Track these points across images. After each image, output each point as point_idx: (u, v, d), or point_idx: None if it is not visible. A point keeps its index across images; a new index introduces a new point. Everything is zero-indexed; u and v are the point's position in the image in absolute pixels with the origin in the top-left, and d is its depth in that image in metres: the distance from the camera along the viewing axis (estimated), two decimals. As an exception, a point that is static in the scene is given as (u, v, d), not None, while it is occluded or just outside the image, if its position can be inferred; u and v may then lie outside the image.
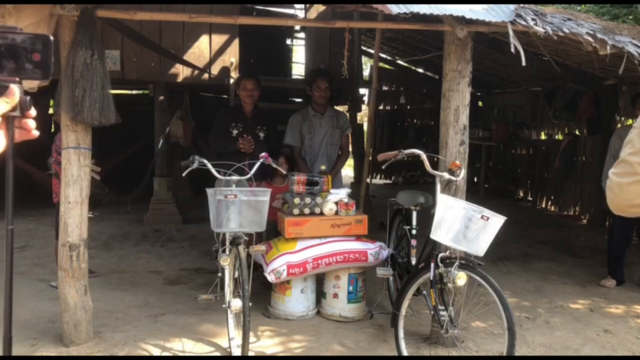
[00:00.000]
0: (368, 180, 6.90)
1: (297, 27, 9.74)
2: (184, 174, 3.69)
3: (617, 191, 1.48)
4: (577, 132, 8.48)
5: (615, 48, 3.39)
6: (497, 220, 3.12)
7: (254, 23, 4.83)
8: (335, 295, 4.14)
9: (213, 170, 3.57)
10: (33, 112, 1.16)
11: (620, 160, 1.48)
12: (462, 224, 3.15)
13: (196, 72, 6.77)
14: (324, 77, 4.99)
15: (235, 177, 3.53)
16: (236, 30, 6.83)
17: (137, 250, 6.07)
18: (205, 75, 6.85)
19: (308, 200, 4.06)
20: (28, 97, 1.11)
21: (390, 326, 3.58)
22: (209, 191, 3.44)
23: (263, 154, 3.86)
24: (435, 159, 3.69)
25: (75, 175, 3.47)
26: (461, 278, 3.14)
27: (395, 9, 3.23)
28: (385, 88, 11.22)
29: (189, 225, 7.06)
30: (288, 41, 10.68)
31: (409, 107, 11.46)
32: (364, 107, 9.30)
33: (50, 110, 8.82)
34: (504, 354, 3.10)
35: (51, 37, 1.16)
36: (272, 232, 4.39)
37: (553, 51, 4.28)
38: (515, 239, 6.61)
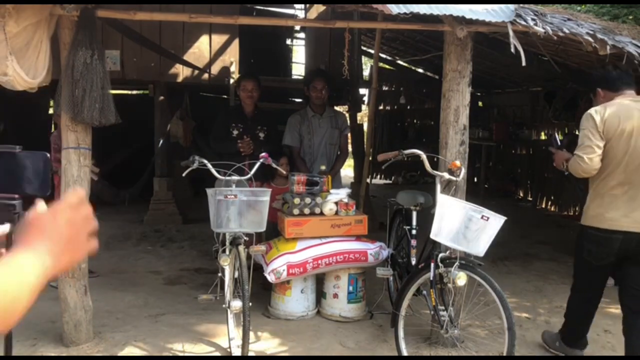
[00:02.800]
0: (368, 180, 6.90)
1: (297, 27, 9.73)
2: (184, 174, 3.69)
3: (587, 162, 3.04)
4: (577, 132, 8.46)
5: (615, 48, 3.39)
6: (497, 220, 3.12)
7: (254, 23, 4.82)
8: (335, 295, 4.14)
9: (213, 171, 3.57)
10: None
11: (584, 145, 3.07)
12: (462, 224, 3.15)
13: (196, 72, 6.76)
14: (321, 78, 5.00)
15: (235, 177, 3.53)
16: (236, 30, 6.83)
17: (137, 250, 6.07)
18: (205, 75, 6.84)
19: (308, 200, 4.06)
20: (26, 213, 1.13)
21: (390, 326, 3.58)
22: (209, 191, 3.44)
23: (263, 154, 3.86)
24: (435, 159, 3.69)
25: (75, 175, 3.47)
26: (461, 278, 3.14)
27: (395, 9, 3.24)
28: (385, 88, 11.20)
29: (189, 225, 7.06)
30: (288, 41, 10.67)
31: (409, 107, 11.45)
32: (364, 107, 9.30)
33: (50, 111, 8.83)
34: (504, 354, 3.10)
35: (48, 155, 1.20)
36: (272, 233, 4.38)
37: (553, 51, 4.27)
38: (515, 239, 6.60)
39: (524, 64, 3.35)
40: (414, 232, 3.84)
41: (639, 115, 3.07)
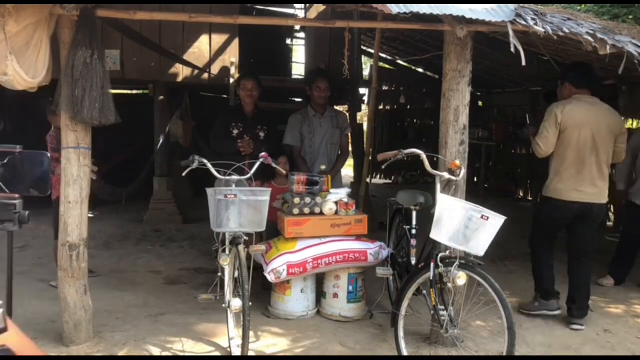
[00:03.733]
0: (368, 180, 6.90)
1: (297, 27, 9.74)
2: (184, 174, 3.69)
3: (542, 147, 4.01)
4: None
5: (615, 48, 3.38)
6: (497, 220, 3.12)
7: (254, 23, 4.81)
8: (335, 295, 4.14)
9: (213, 170, 3.57)
10: None
11: (542, 135, 4.00)
12: (462, 224, 3.15)
13: (196, 72, 6.77)
14: (324, 77, 5.00)
15: (235, 177, 3.53)
16: (236, 30, 6.83)
17: (137, 250, 6.08)
18: (205, 75, 6.85)
19: (308, 200, 4.06)
20: (27, 212, 1.15)
21: (390, 326, 3.58)
22: (209, 191, 3.44)
23: (263, 153, 3.86)
24: (435, 159, 3.69)
25: (75, 175, 3.47)
26: (461, 278, 3.14)
27: (395, 9, 3.23)
28: (385, 88, 11.20)
29: (189, 225, 7.06)
30: (288, 41, 10.68)
31: (409, 107, 11.45)
32: (364, 107, 9.30)
33: (51, 111, 8.82)
34: (504, 354, 3.10)
35: (49, 154, 1.22)
36: (272, 233, 4.38)
37: (553, 51, 4.27)
38: (515, 239, 6.59)
39: (524, 63, 3.35)
40: (414, 231, 3.84)
41: (588, 112, 3.91)
